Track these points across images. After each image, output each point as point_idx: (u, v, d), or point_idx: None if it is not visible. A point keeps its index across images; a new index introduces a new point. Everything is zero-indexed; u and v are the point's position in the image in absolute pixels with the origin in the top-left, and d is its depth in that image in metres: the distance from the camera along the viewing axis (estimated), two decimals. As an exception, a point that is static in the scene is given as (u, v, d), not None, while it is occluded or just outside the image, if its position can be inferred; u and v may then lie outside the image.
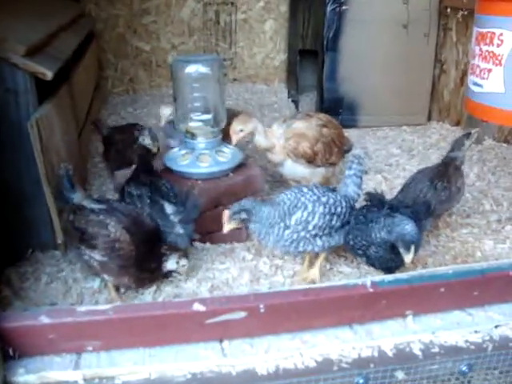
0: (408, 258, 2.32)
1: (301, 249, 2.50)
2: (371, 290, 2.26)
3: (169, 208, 2.61)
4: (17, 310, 2.35)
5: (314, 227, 2.46)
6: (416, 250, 2.35)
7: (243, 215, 2.41)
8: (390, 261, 2.51)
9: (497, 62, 3.06)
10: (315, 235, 2.48)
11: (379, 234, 2.41)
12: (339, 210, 2.54)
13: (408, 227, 2.31)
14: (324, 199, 2.51)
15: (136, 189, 2.68)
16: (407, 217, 2.41)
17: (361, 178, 2.70)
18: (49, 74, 2.36)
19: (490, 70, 3.11)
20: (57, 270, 2.69)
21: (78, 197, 2.46)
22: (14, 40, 2.32)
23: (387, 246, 2.42)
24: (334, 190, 2.66)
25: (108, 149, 3.43)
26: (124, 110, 5.32)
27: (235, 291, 2.59)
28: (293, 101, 5.68)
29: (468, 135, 3.00)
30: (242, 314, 2.12)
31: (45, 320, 2.01)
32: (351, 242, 2.55)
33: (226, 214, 2.41)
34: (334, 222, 2.52)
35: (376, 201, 2.61)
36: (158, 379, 2.03)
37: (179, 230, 2.58)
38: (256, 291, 2.49)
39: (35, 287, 2.57)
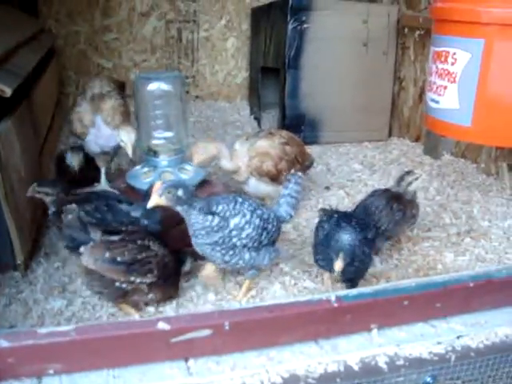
0: (336, 265, 2.37)
1: (227, 258, 2.42)
2: (336, 304, 2.27)
3: (125, 207, 2.61)
4: (-27, 333, 2.26)
5: (247, 236, 2.42)
6: (347, 260, 2.39)
7: (180, 192, 2.27)
8: (351, 272, 2.54)
9: (451, 79, 3.16)
10: (244, 246, 2.43)
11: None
12: (270, 227, 2.52)
13: (343, 236, 2.39)
14: (259, 212, 2.48)
15: (87, 204, 2.62)
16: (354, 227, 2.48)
17: (296, 198, 2.67)
18: (8, 91, 2.31)
19: (445, 87, 3.21)
20: (16, 292, 2.61)
21: (96, 236, 2.40)
22: (-29, 56, 2.28)
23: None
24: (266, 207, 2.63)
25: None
26: (85, 127, 5.21)
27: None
28: (255, 118, 5.72)
29: (408, 172, 3.09)
30: (207, 332, 2.10)
31: (3, 344, 1.94)
32: (320, 262, 2.59)
33: (159, 185, 2.24)
34: (263, 238, 2.49)
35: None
36: (123, 401, 1.99)
37: (144, 221, 2.58)
38: (220, 308, 2.47)
39: (-7, 309, 2.50)
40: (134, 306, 2.51)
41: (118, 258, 2.34)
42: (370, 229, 2.63)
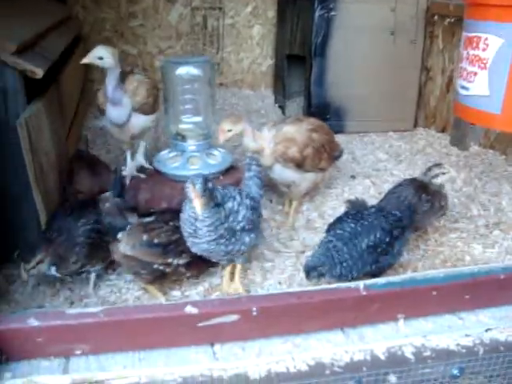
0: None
1: (230, 247, 2.35)
2: (364, 293, 2.26)
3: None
4: (3, 312, 2.29)
5: (243, 218, 2.36)
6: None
7: (210, 185, 2.21)
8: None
9: (482, 65, 3.10)
10: (242, 229, 2.37)
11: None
12: (257, 205, 2.50)
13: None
14: (245, 192, 2.45)
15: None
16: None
17: (261, 179, 2.62)
18: (39, 73, 2.32)
19: (475, 74, 3.15)
20: (44, 273, 2.63)
21: (133, 219, 2.45)
22: (3, 37, 2.28)
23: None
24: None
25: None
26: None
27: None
28: (279, 106, 5.68)
29: (438, 165, 3.04)
30: (235, 317, 2.10)
31: (34, 323, 1.97)
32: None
33: (194, 188, 2.14)
34: (254, 217, 2.45)
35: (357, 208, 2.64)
36: (149, 383, 2.00)
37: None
38: (247, 294, 2.46)
39: (22, 290, 2.52)
40: (162, 290, 2.53)
41: (155, 241, 2.36)
42: (398, 225, 2.59)
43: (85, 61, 2.86)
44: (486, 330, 2.36)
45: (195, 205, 2.14)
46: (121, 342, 2.08)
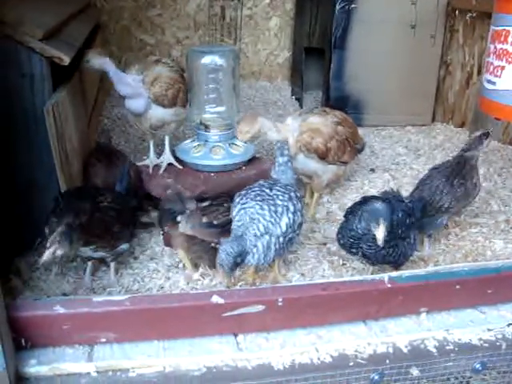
0: (378, 233, 2.25)
1: (281, 252, 2.37)
2: (389, 285, 2.25)
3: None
4: (28, 299, 2.30)
5: (299, 226, 2.38)
6: (387, 229, 2.28)
7: (238, 260, 2.22)
8: (387, 256, 2.47)
9: (510, 59, 3.07)
10: (298, 234, 2.41)
11: (358, 224, 2.38)
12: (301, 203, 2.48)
13: (377, 204, 2.29)
14: (293, 194, 2.41)
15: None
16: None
17: (291, 163, 2.62)
18: (66, 59, 2.32)
19: (503, 68, 3.12)
20: (67, 260, 2.63)
21: (191, 205, 2.48)
22: (30, 23, 2.28)
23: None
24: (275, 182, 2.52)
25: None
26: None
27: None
28: (296, 99, 5.66)
29: (487, 134, 2.97)
30: (260, 308, 2.10)
31: (60, 310, 1.97)
32: (341, 241, 2.53)
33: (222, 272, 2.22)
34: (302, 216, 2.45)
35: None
36: (173, 373, 2.00)
37: None
38: (273, 285, 2.46)
39: (45, 277, 2.54)
40: None
41: (215, 222, 2.43)
42: (413, 213, 2.57)
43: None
44: (508, 325, 2.35)
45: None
46: (145, 330, 2.09)
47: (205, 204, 2.50)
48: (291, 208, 2.34)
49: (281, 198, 2.36)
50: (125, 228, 2.52)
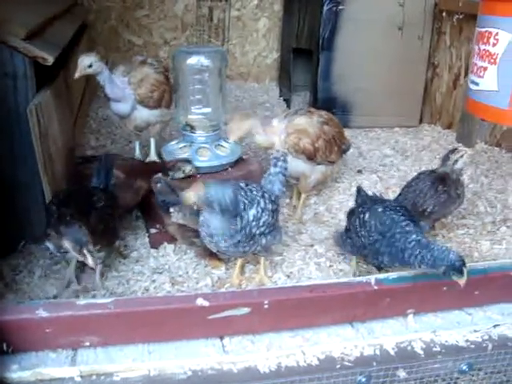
0: (462, 281, 2.18)
1: (247, 248, 2.32)
2: (376, 287, 2.24)
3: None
4: (10, 302, 2.26)
5: (264, 223, 2.31)
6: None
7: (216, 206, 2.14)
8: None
9: (492, 60, 3.10)
10: (262, 233, 2.33)
11: (415, 262, 2.24)
12: (277, 207, 2.45)
13: (452, 256, 2.17)
14: (267, 195, 2.38)
15: None
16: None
17: (285, 175, 2.56)
18: (50, 59, 2.29)
19: (485, 69, 3.15)
20: (51, 263, 2.61)
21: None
22: (13, 23, 2.24)
23: None
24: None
25: None
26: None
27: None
28: (284, 99, 5.65)
29: (453, 151, 2.99)
30: (246, 310, 2.08)
31: (42, 313, 1.94)
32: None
33: (201, 190, 2.12)
34: (275, 220, 2.41)
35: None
36: (158, 376, 1.98)
37: None
38: (259, 288, 2.44)
39: (28, 280, 2.49)
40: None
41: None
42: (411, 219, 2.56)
43: (77, 75, 2.85)
44: (495, 326, 2.36)
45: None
46: (130, 333, 2.06)
47: None
48: (262, 204, 2.31)
49: (254, 192, 2.35)
50: (117, 224, 2.56)
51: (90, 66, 2.81)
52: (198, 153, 2.89)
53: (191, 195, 2.13)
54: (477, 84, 3.25)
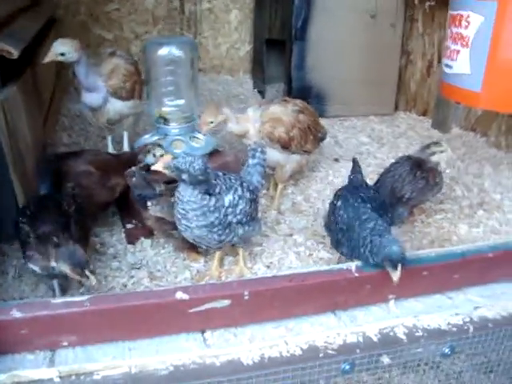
0: (395, 275, 2.15)
1: (223, 237, 2.27)
2: (356, 274, 2.23)
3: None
4: (-17, 304, 2.20)
5: (241, 212, 2.28)
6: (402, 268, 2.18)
7: (185, 176, 2.10)
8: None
9: (464, 43, 3.11)
10: (239, 222, 2.29)
11: (366, 250, 2.24)
12: (256, 197, 2.42)
13: (395, 248, 2.15)
14: (245, 184, 2.36)
15: None
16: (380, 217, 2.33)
17: (264, 167, 2.55)
18: (15, 53, 2.22)
19: (458, 52, 3.16)
20: (24, 263, 2.53)
21: (161, 187, 2.51)
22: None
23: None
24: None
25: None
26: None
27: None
28: (259, 91, 5.62)
29: (435, 143, 3.00)
30: (226, 302, 2.05)
31: (16, 314, 1.87)
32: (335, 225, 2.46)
33: (169, 159, 2.16)
34: (253, 210, 2.38)
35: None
36: (140, 373, 1.93)
37: None
38: (238, 279, 2.41)
39: (1, 281, 2.43)
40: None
41: None
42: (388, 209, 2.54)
43: (46, 60, 2.77)
44: (475, 308, 2.36)
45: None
46: (109, 331, 2.01)
47: (174, 185, 2.42)
48: (239, 191, 2.28)
49: (233, 180, 2.32)
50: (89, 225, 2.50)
51: (63, 54, 2.74)
52: (173, 145, 2.84)
53: (160, 165, 2.14)
54: (450, 67, 3.26)
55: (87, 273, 2.05)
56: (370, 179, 3.51)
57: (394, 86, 5.14)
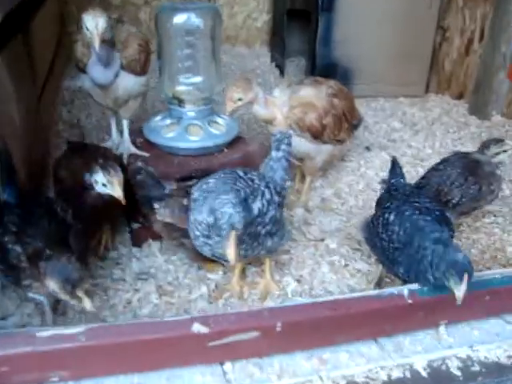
0: (460, 291, 1.78)
1: (249, 252, 1.92)
2: (410, 301, 1.85)
3: None
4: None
5: (270, 220, 1.90)
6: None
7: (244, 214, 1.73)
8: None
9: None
10: (268, 232, 1.92)
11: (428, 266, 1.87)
12: (283, 200, 2.05)
13: (460, 256, 1.81)
14: (271, 185, 1.97)
15: None
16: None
17: (289, 161, 2.14)
18: (-3, 16, 1.80)
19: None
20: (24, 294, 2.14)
21: (171, 186, 2.11)
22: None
23: None
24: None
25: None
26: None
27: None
28: (277, 66, 5.18)
29: (497, 141, 2.59)
30: (254, 334, 1.67)
31: (-6, 349, 1.51)
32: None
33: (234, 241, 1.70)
34: (280, 215, 2.00)
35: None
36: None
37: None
38: (270, 306, 2.02)
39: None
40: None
41: None
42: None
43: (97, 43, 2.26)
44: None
45: (228, 254, 1.69)
46: (110, 364, 1.65)
47: (189, 183, 2.07)
48: (267, 195, 1.90)
49: (256, 180, 1.92)
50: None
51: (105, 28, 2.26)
52: (188, 131, 2.45)
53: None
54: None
55: (80, 294, 1.65)
56: (407, 172, 3.11)
57: (427, 66, 4.68)
